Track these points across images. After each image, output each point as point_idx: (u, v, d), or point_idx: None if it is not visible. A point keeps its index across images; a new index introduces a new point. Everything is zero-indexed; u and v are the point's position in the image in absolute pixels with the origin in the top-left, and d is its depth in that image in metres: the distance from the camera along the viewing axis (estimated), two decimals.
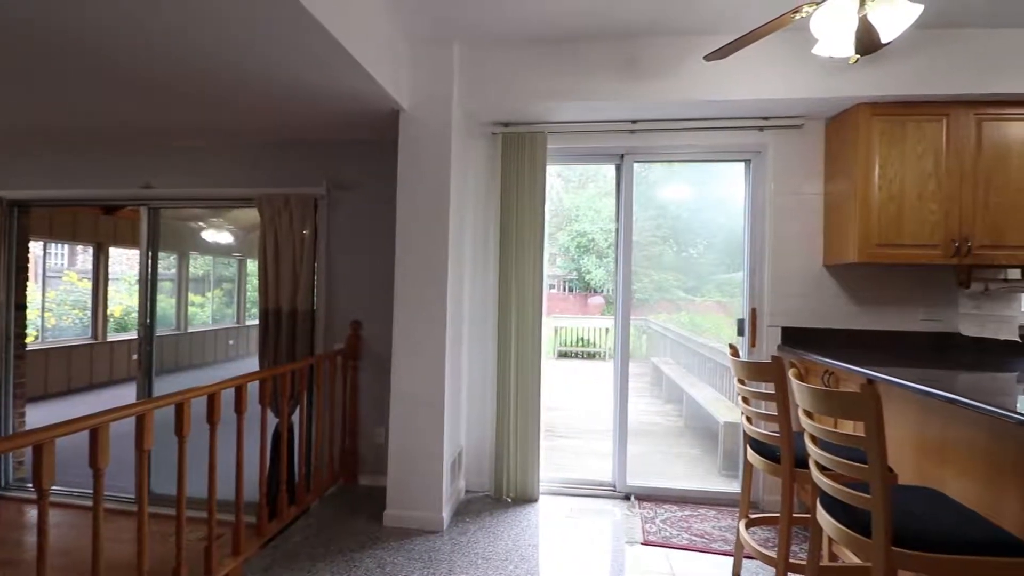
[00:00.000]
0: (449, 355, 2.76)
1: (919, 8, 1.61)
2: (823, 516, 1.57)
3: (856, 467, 1.40)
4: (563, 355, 9.67)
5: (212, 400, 2.10)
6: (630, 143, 3.05)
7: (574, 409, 6.21)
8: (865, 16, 1.71)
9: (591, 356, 9.69)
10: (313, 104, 2.71)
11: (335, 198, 3.37)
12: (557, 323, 10.01)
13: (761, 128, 2.93)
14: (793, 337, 2.94)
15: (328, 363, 3.11)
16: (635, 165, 3.17)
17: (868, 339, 2.90)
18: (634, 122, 2.99)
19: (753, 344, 3.02)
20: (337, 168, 3.38)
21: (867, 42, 1.84)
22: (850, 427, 2.31)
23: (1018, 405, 1.50)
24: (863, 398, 1.34)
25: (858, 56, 1.82)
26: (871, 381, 2.17)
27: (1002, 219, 2.55)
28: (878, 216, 2.58)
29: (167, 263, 5.75)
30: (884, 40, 1.73)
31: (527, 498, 3.03)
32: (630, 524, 2.78)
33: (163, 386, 3.80)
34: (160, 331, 3.95)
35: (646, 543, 2.58)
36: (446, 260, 2.69)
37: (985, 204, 2.55)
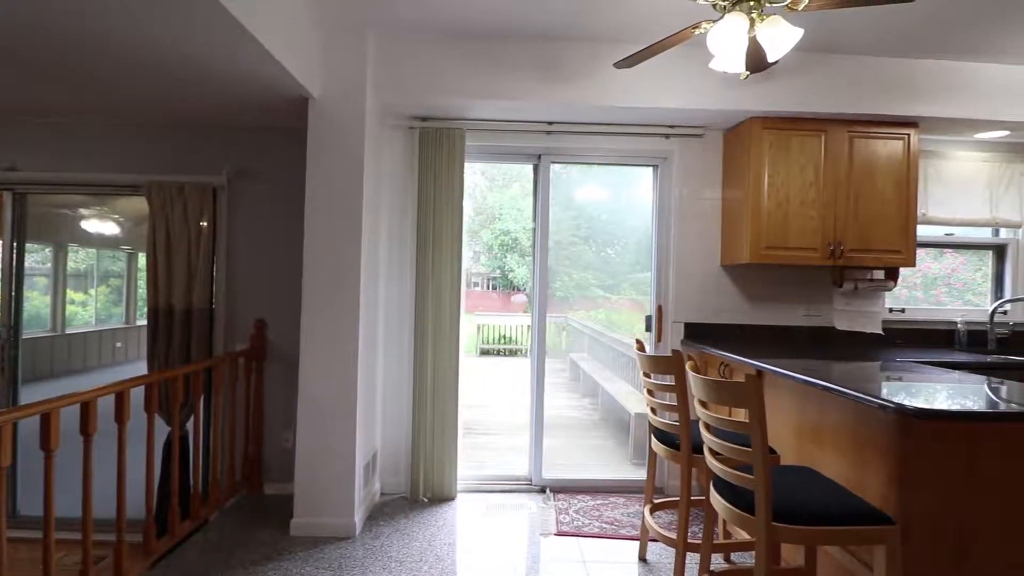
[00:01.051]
0: (363, 354, 2.67)
1: (799, 32, 1.77)
2: (715, 498, 1.70)
3: (742, 451, 1.53)
4: (485, 353, 9.72)
5: (86, 409, 1.88)
6: (547, 144, 3.11)
7: (495, 406, 6.26)
8: (754, 36, 1.86)
9: (513, 353, 9.81)
10: (206, 85, 2.50)
11: (237, 188, 3.14)
12: (480, 321, 10.03)
13: (667, 136, 3.11)
14: (694, 332, 3.15)
15: (229, 365, 2.90)
16: (552, 166, 3.24)
17: (759, 333, 3.17)
18: (550, 123, 3.05)
19: (659, 339, 3.19)
20: (240, 156, 3.15)
21: (756, 60, 2.00)
22: (742, 415, 2.51)
23: (883, 391, 1.71)
24: (747, 388, 1.45)
25: (748, 73, 1.97)
26: (759, 372, 2.38)
27: (869, 226, 2.88)
28: (767, 221, 2.83)
29: (41, 256, 5.09)
30: (771, 59, 1.89)
31: (444, 497, 3.01)
32: (545, 516, 2.85)
33: (33, 395, 3.36)
34: (31, 333, 3.50)
35: (559, 534, 2.65)
36: (360, 256, 2.60)
37: (855, 212, 2.87)
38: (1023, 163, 3.30)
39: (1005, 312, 3.28)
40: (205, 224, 3.05)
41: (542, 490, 3.17)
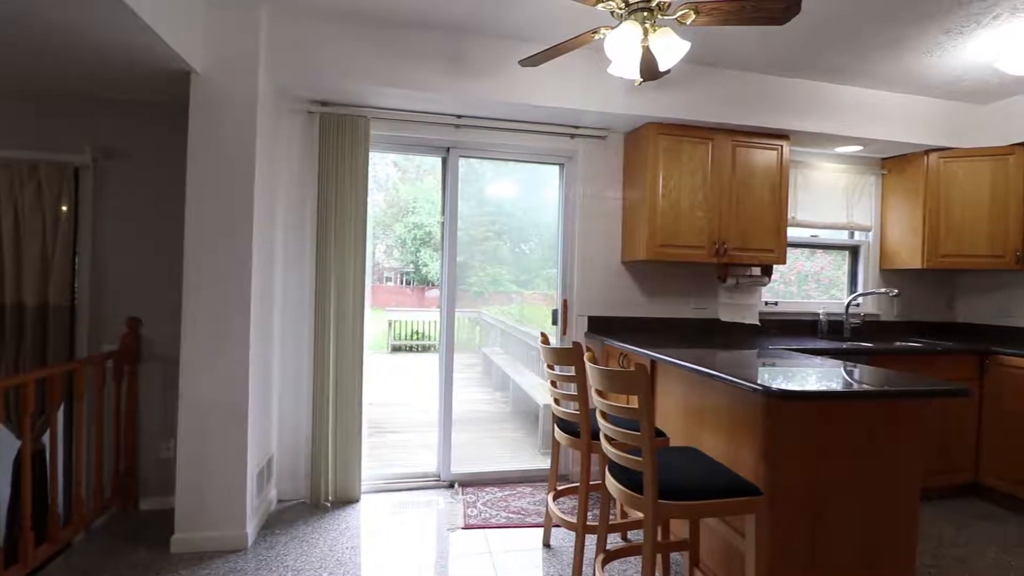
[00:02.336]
0: (255, 352, 2.49)
1: (687, 45, 1.90)
2: (610, 481, 1.79)
3: (633, 435, 1.62)
4: (397, 349, 9.49)
5: None
6: (455, 137, 3.09)
7: (407, 403, 6.15)
8: (647, 46, 1.97)
9: (426, 349, 9.68)
10: (69, 52, 2.20)
11: (106, 169, 2.80)
12: (392, 316, 9.78)
13: (572, 135, 3.21)
14: (597, 325, 3.30)
15: (94, 369, 2.58)
16: (462, 160, 3.23)
17: (655, 325, 3.38)
18: (459, 117, 3.04)
19: (564, 332, 3.31)
20: (110, 133, 2.81)
21: (649, 68, 2.12)
22: (634, 401, 2.66)
23: (752, 376, 1.88)
24: (636, 376, 1.55)
25: (642, 80, 2.09)
26: (653, 362, 2.53)
27: (748, 228, 3.17)
28: (662, 220, 3.02)
29: None
30: (662, 68, 2.01)
31: (348, 499, 2.91)
32: (453, 511, 2.85)
33: None
34: None
35: (467, 527, 2.66)
36: (251, 247, 2.42)
37: (737, 214, 3.15)
38: (873, 175, 3.81)
39: (858, 305, 3.77)
40: (65, 209, 2.68)
41: (451, 485, 3.17)
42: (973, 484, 3.21)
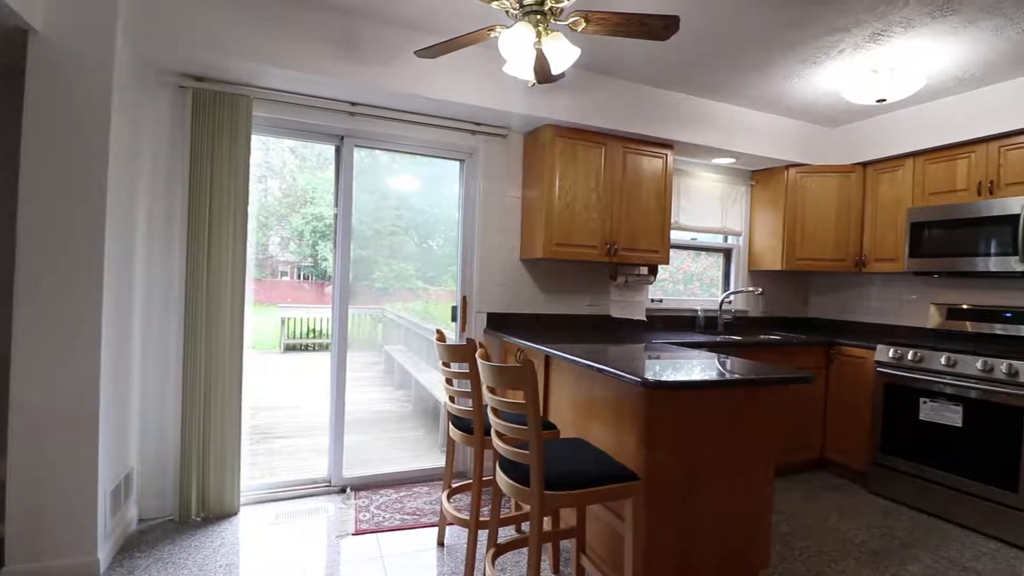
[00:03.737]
0: (109, 355, 2.20)
1: (577, 51, 1.97)
2: (500, 476, 1.81)
3: (521, 429, 1.65)
4: (291, 348, 8.93)
5: None
6: (350, 125, 2.95)
7: (298, 406, 5.80)
8: (541, 48, 2.01)
9: (323, 348, 9.20)
10: None
11: None
12: (286, 313, 9.18)
13: (473, 132, 3.21)
14: (496, 321, 3.33)
15: None
16: (359, 150, 3.10)
17: (552, 321, 3.49)
18: (354, 104, 2.91)
19: (464, 329, 3.30)
20: None
21: (543, 71, 2.17)
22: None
23: (632, 368, 2.00)
24: (523, 372, 1.57)
25: (535, 81, 2.13)
26: (548, 357, 2.60)
27: (636, 229, 3.37)
28: (558, 220, 3.11)
29: None
30: (554, 72, 2.07)
31: (224, 513, 2.68)
32: (343, 517, 2.73)
33: None
34: None
35: (358, 532, 2.56)
36: (103, 235, 2.13)
37: (627, 217, 3.33)
38: (744, 185, 4.21)
39: (730, 302, 4.16)
40: None
41: (342, 490, 3.04)
42: (820, 459, 3.68)
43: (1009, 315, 3.17)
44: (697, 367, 2.16)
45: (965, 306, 3.39)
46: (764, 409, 2.13)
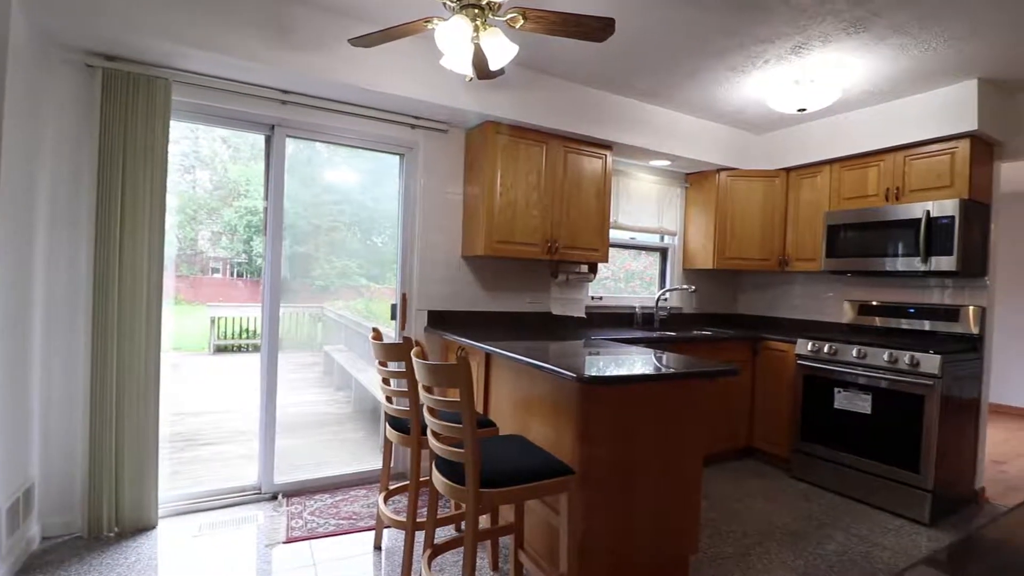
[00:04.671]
0: (2, 356, 1.99)
1: (515, 48, 1.97)
2: (436, 476, 1.78)
3: (456, 428, 1.63)
4: (222, 349, 8.45)
5: None
6: (281, 114, 2.82)
7: (229, 410, 5.50)
8: (478, 44, 1.99)
9: (258, 348, 8.78)
10: None
11: None
12: (216, 313, 8.67)
13: (413, 126, 3.14)
14: (437, 319, 3.29)
15: None
16: (294, 141, 2.96)
17: (494, 319, 3.48)
18: (285, 92, 2.78)
19: (403, 327, 3.23)
20: None
21: (481, 66, 2.16)
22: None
23: (569, 365, 2.02)
24: (456, 369, 1.55)
25: (472, 76, 2.11)
26: (489, 355, 2.59)
27: (576, 228, 3.42)
28: (499, 217, 3.11)
29: None
30: (492, 68, 2.06)
31: (141, 527, 2.49)
32: (274, 525, 2.60)
33: None
34: None
35: (289, 540, 2.45)
36: None
37: (567, 215, 3.38)
38: (679, 187, 4.37)
39: (666, 299, 4.30)
40: None
41: (274, 497, 2.90)
42: (748, 448, 3.88)
43: (913, 311, 3.47)
44: (631, 362, 2.21)
45: (875, 303, 3.67)
46: (693, 401, 2.21)
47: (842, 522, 2.91)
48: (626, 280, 4.46)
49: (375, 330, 2.36)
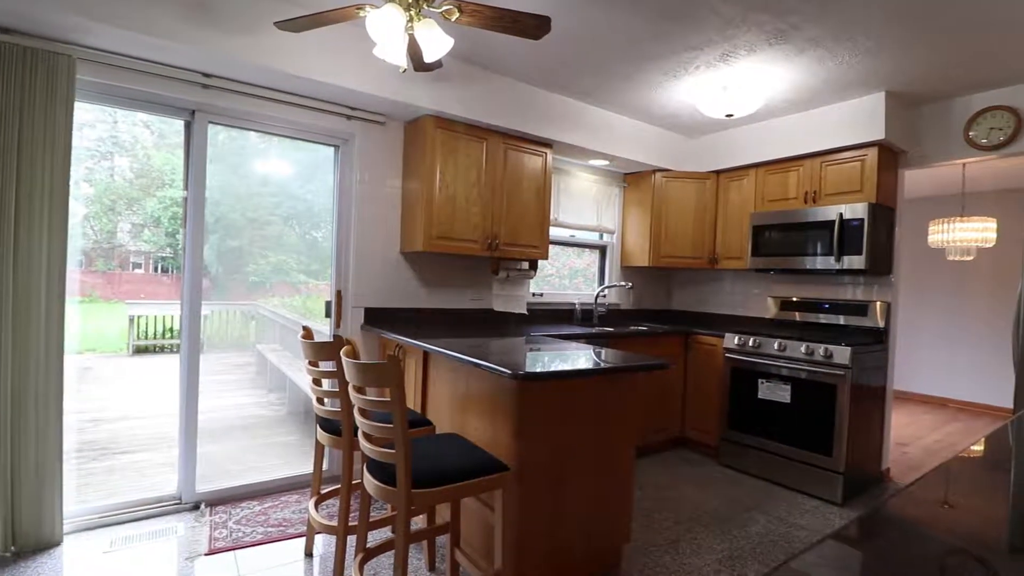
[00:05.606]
0: None
1: (450, 41, 1.94)
2: (368, 479, 1.73)
3: (388, 428, 1.59)
4: (143, 350, 7.87)
5: None
6: (203, 99, 2.64)
7: (149, 416, 5.13)
8: (412, 35, 1.94)
9: None
10: None
11: None
12: (136, 311, 8.07)
13: (349, 117, 3.04)
14: (375, 316, 3.20)
15: None
16: (215, 127, 2.79)
17: (434, 316, 3.43)
18: (208, 76, 2.60)
19: (338, 325, 3.13)
20: None
21: (415, 58, 2.11)
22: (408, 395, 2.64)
23: (522, 365, 2.02)
24: (386, 368, 1.51)
25: (406, 68, 2.06)
26: (427, 353, 2.55)
27: (517, 225, 3.43)
28: (438, 213, 3.07)
29: None
30: (427, 60, 2.02)
31: (43, 545, 2.27)
32: (195, 537, 2.45)
33: None
34: None
35: (212, 552, 2.32)
36: None
37: (508, 212, 3.38)
38: (618, 186, 4.48)
39: (605, 296, 4.40)
40: None
41: (196, 507, 2.73)
42: (681, 437, 4.05)
43: (827, 306, 3.72)
44: (567, 358, 2.24)
45: (795, 299, 3.91)
46: (626, 395, 2.27)
47: (765, 505, 3.09)
48: (570, 277, 4.52)
49: (305, 328, 2.27)
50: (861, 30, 2.56)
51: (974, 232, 4.29)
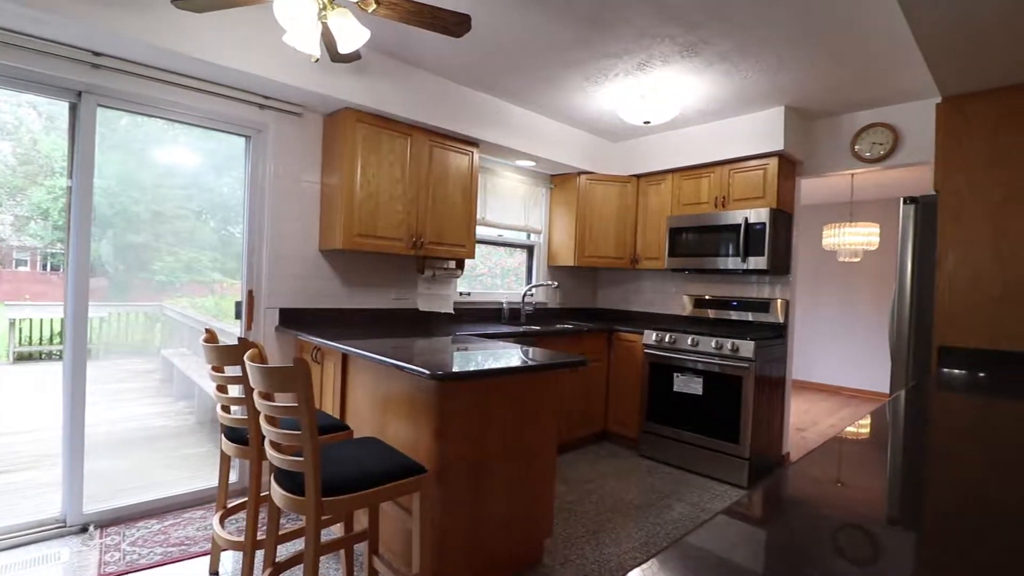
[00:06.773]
0: None
1: (366, 32, 1.88)
2: (275, 489, 1.64)
3: (295, 435, 1.51)
4: (25, 357, 7.03)
5: None
6: (92, 80, 2.39)
7: (33, 430, 4.60)
8: (326, 23, 1.86)
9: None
10: None
11: None
12: (18, 313, 7.20)
13: (261, 106, 2.87)
14: (291, 318, 3.05)
15: None
16: (105, 111, 2.53)
17: (356, 316, 3.33)
18: (97, 55, 2.36)
19: (250, 327, 2.95)
20: None
21: (330, 48, 2.03)
22: (328, 400, 2.55)
23: (443, 364, 1.98)
24: (292, 372, 1.44)
25: (318, 57, 1.98)
26: (346, 355, 2.45)
27: (443, 223, 3.39)
28: (359, 210, 2.97)
29: None
30: (341, 50, 1.94)
31: None
32: (82, 562, 2.22)
33: None
34: None
35: None
36: None
37: (433, 210, 3.33)
38: (545, 187, 4.55)
39: (532, 295, 4.46)
40: None
41: (83, 529, 2.48)
42: (604, 432, 4.18)
43: (736, 304, 3.99)
44: (489, 357, 2.25)
45: (708, 297, 4.16)
46: (546, 392, 2.31)
47: (679, 493, 3.26)
48: (503, 276, 4.54)
49: (208, 331, 2.12)
50: (765, 49, 2.75)
51: (861, 236, 4.76)
